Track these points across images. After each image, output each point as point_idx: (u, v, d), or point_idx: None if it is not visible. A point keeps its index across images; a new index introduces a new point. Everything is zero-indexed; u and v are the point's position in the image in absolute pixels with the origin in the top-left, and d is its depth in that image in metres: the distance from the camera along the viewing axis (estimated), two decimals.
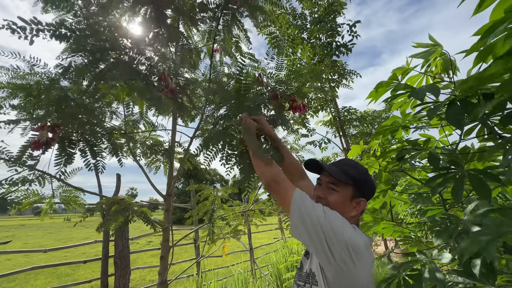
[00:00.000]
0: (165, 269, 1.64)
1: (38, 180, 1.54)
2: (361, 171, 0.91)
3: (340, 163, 0.93)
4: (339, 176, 0.86)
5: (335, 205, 0.86)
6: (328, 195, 0.87)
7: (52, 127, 1.22)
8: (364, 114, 5.84)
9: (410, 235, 1.83)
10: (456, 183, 0.88)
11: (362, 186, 0.88)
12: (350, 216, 0.87)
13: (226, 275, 4.07)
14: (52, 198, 1.68)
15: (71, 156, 1.22)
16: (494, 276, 0.89)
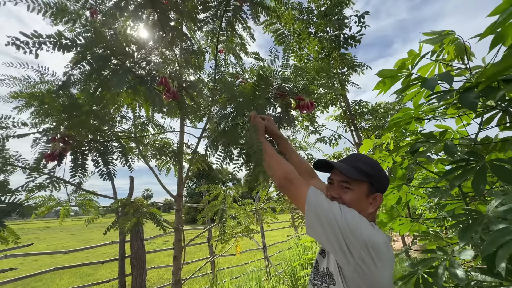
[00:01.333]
0: (179, 269, 1.66)
1: (54, 185, 1.60)
2: (374, 165, 0.87)
3: (351, 159, 0.89)
4: (351, 174, 0.82)
5: (351, 204, 0.82)
6: (343, 194, 0.84)
7: (63, 138, 1.25)
8: (376, 107, 5.68)
9: (428, 230, 1.76)
10: (476, 175, 0.83)
11: (376, 181, 0.84)
12: (368, 213, 0.84)
13: (241, 273, 4.09)
14: (68, 202, 1.74)
15: (85, 167, 1.25)
16: None
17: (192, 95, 1.76)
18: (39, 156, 1.21)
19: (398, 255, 1.71)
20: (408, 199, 1.71)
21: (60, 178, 1.51)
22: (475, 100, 0.81)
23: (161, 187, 1.85)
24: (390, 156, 1.71)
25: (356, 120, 5.36)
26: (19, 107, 1.56)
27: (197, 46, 2.08)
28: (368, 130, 5.55)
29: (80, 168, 1.18)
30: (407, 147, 1.31)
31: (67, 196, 1.70)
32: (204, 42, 2.35)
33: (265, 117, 1.10)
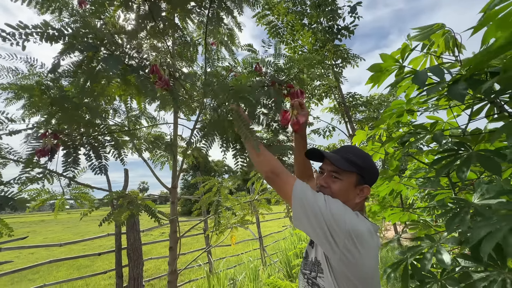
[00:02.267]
0: (174, 259, 1.69)
1: (47, 178, 1.59)
2: (365, 158, 0.89)
3: (343, 150, 0.91)
4: (341, 165, 0.84)
5: (339, 194, 0.85)
6: (331, 184, 0.86)
7: (54, 133, 1.24)
8: (370, 99, 5.70)
9: (419, 219, 1.81)
10: (461, 164, 0.85)
11: (366, 173, 0.87)
12: (354, 203, 0.87)
13: (237, 263, 4.17)
14: (63, 195, 1.73)
15: (77, 161, 1.24)
16: (504, 260, 0.87)
17: (185, 87, 1.75)
18: (32, 151, 1.19)
19: (388, 243, 1.76)
20: (400, 189, 1.75)
21: (53, 171, 1.51)
22: (463, 92, 0.82)
23: (161, 177, 1.86)
24: (383, 148, 1.73)
25: (350, 112, 5.39)
26: (9, 99, 1.53)
27: (189, 38, 2.05)
28: (362, 121, 5.59)
29: (72, 163, 1.17)
30: (399, 139, 1.34)
31: (61, 189, 1.70)
32: (197, 35, 2.32)
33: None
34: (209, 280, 2.84)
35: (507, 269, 0.83)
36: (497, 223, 0.75)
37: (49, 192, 1.68)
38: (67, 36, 0.80)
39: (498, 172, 0.76)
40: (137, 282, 2.49)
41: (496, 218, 0.78)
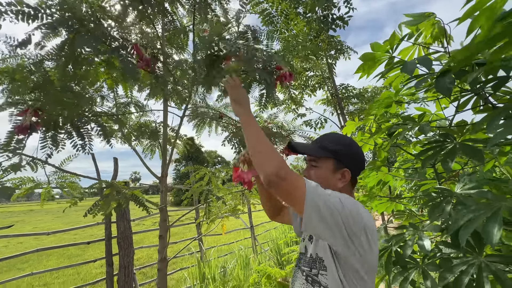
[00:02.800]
0: (164, 247, 1.69)
1: (30, 165, 1.54)
2: (342, 142, 0.89)
3: (320, 139, 0.94)
4: (314, 152, 0.88)
5: (318, 180, 0.85)
6: (310, 171, 0.89)
7: (35, 110, 1.20)
8: (363, 91, 5.73)
9: (405, 209, 1.87)
10: (446, 155, 0.87)
11: (343, 157, 0.86)
12: (338, 188, 0.86)
13: (228, 252, 4.24)
14: (49, 184, 1.69)
15: (56, 139, 1.21)
16: (481, 247, 0.90)
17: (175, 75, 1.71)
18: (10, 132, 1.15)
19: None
20: (388, 180, 1.79)
21: (37, 158, 1.47)
22: (450, 86, 0.82)
23: (151, 167, 1.84)
24: (372, 139, 1.75)
25: (343, 103, 5.41)
26: None
27: (179, 23, 1.99)
28: (354, 113, 5.63)
29: (51, 140, 1.13)
30: (387, 129, 1.35)
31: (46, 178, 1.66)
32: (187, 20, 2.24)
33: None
34: (200, 267, 2.88)
35: (484, 255, 0.86)
36: (476, 211, 0.78)
37: (33, 181, 1.64)
38: (44, 15, 0.76)
39: (481, 160, 0.78)
40: (127, 270, 2.50)
41: (475, 206, 0.81)
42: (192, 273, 3.04)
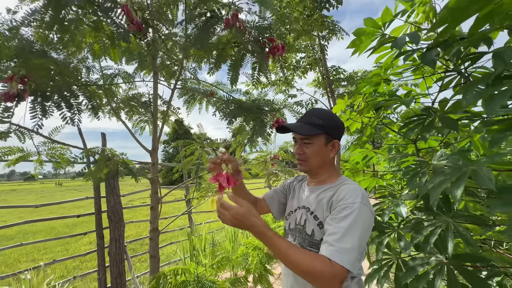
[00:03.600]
0: (156, 218, 1.74)
1: (17, 135, 1.51)
2: (328, 116, 0.96)
3: (306, 116, 0.97)
4: (308, 132, 0.92)
5: (314, 156, 0.95)
6: (305, 149, 0.95)
7: (21, 78, 1.16)
8: (353, 74, 5.77)
9: (385, 184, 1.98)
10: (427, 125, 0.94)
11: (332, 130, 0.95)
12: (330, 158, 0.97)
13: (217, 228, 4.37)
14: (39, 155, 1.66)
15: (45, 109, 1.18)
16: (449, 210, 1.00)
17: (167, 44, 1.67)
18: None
19: None
20: (372, 156, 1.88)
21: (24, 127, 1.43)
22: (434, 58, 0.87)
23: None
24: (360, 118, 1.81)
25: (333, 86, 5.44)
26: None
27: None
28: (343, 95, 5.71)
29: (40, 110, 1.12)
30: (375, 105, 1.40)
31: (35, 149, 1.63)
32: None
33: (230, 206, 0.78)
34: (191, 240, 2.98)
35: (451, 215, 0.96)
36: (446, 175, 0.86)
37: (22, 150, 1.61)
38: None
39: (456, 129, 0.85)
40: (118, 243, 2.55)
41: (446, 172, 0.89)
42: (182, 246, 3.15)
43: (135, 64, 1.98)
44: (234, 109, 1.49)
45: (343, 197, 0.82)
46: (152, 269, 1.69)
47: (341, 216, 0.77)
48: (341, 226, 0.75)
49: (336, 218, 0.78)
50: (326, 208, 0.87)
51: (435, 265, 0.92)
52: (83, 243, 6.40)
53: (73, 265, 4.82)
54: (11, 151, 1.51)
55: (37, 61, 1.27)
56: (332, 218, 0.79)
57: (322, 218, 0.87)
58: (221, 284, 1.70)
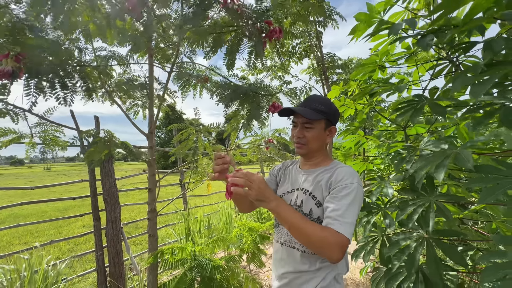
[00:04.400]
0: (153, 199, 1.78)
1: (11, 116, 1.49)
2: (328, 103, 1.02)
3: (308, 102, 1.02)
4: (311, 116, 0.96)
5: (314, 139, 1.01)
6: (306, 133, 1.01)
7: (16, 55, 1.14)
8: (348, 61, 5.77)
9: (374, 169, 2.08)
10: (415, 111, 0.99)
11: (331, 116, 1.01)
12: (326, 143, 1.05)
13: (212, 212, 4.47)
14: (32, 137, 1.65)
15: (40, 87, 1.17)
16: (432, 190, 1.08)
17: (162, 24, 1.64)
18: None
19: None
20: (363, 141, 1.95)
21: (18, 106, 1.41)
22: (429, 42, 0.91)
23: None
24: (354, 103, 1.86)
25: (328, 73, 5.44)
26: None
27: None
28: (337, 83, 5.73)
29: (35, 88, 1.11)
30: (369, 91, 1.45)
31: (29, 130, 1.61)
32: None
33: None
34: (187, 223, 3.06)
35: (434, 195, 1.04)
36: (431, 158, 0.93)
37: (16, 132, 1.59)
38: None
39: (443, 114, 0.91)
40: (115, 224, 2.60)
41: (430, 155, 0.96)
42: (178, 228, 3.23)
43: (128, 46, 1.94)
44: (231, 93, 1.51)
45: (342, 178, 0.91)
46: (151, 248, 1.76)
47: (341, 195, 0.87)
48: (343, 203, 0.84)
49: (337, 197, 0.87)
50: (325, 189, 0.94)
51: (416, 239, 1.00)
52: (76, 226, 6.43)
53: (68, 248, 4.88)
54: (4, 133, 1.49)
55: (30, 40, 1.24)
56: (333, 197, 0.88)
57: (321, 198, 0.94)
58: (217, 261, 1.78)
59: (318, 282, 0.93)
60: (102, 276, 2.53)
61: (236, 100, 1.57)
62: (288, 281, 0.99)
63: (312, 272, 0.94)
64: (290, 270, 0.98)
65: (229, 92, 1.57)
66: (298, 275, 0.96)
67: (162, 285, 1.61)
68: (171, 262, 1.74)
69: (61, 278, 2.12)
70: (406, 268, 0.99)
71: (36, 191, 13.31)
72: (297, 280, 0.97)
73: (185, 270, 1.67)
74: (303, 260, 0.96)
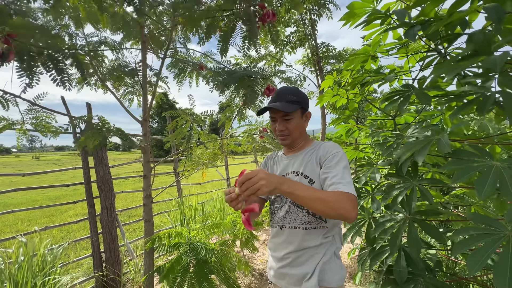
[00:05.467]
0: (149, 186, 1.81)
1: (1, 102, 1.46)
2: (297, 92, 1.07)
3: (282, 95, 1.06)
4: (290, 109, 1.02)
5: (296, 129, 1.08)
6: (287, 125, 1.07)
7: (5, 37, 1.11)
8: (342, 52, 5.78)
9: (364, 157, 2.15)
10: (404, 99, 1.04)
11: (305, 103, 1.07)
12: (305, 128, 1.12)
13: (207, 200, 4.53)
14: (23, 123, 1.63)
15: (32, 69, 1.16)
16: (416, 174, 1.15)
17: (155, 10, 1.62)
18: None
19: None
20: (354, 130, 2.01)
21: (7, 91, 1.39)
22: (416, 32, 0.95)
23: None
24: (347, 93, 1.90)
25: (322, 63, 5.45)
26: None
27: None
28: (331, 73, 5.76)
29: (27, 70, 1.10)
30: (361, 80, 1.49)
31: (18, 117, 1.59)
32: None
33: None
34: (181, 210, 3.11)
35: (417, 180, 1.11)
36: (414, 143, 0.99)
37: (6, 119, 1.57)
38: None
39: (428, 102, 0.96)
40: (110, 211, 2.62)
41: (415, 140, 1.02)
42: (173, 215, 3.28)
43: (121, 34, 1.91)
44: (226, 78, 1.52)
45: (328, 150, 1.01)
46: (147, 233, 1.80)
47: (333, 163, 0.95)
48: (338, 169, 0.93)
49: (331, 166, 0.95)
50: (316, 165, 1.01)
51: (399, 220, 1.07)
52: (69, 215, 6.41)
53: (61, 235, 4.88)
54: None
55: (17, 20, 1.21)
56: (328, 167, 0.96)
57: (312, 175, 1.01)
58: (212, 245, 1.85)
59: (320, 258, 0.98)
60: (98, 261, 2.58)
61: (231, 85, 1.58)
62: (291, 260, 1.02)
63: (315, 248, 0.99)
64: (293, 250, 1.02)
65: (224, 77, 1.58)
66: (301, 253, 1.00)
67: (158, 267, 1.66)
68: (167, 246, 1.79)
69: (58, 263, 2.15)
70: (390, 246, 1.06)
71: (25, 181, 13.07)
72: (300, 258, 1.00)
73: (181, 254, 1.73)
74: (307, 237, 1.00)
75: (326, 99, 1.94)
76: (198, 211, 3.41)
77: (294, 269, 1.01)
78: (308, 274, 0.98)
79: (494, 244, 0.64)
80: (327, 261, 0.99)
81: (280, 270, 1.05)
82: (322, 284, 0.97)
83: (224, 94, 1.61)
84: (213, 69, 1.94)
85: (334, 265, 1.00)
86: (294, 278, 1.01)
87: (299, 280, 1.00)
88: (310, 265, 0.98)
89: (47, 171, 2.50)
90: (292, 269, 1.02)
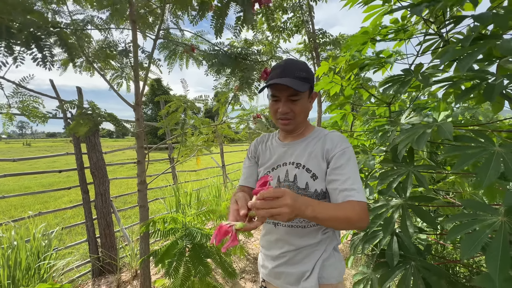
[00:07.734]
0: (143, 171, 1.79)
1: None
2: (307, 67, 0.90)
3: (290, 71, 0.86)
4: (301, 88, 0.83)
5: (302, 112, 0.91)
6: (293, 107, 0.89)
7: None
8: (339, 37, 5.66)
9: (358, 144, 2.16)
10: (402, 83, 1.02)
11: (313, 82, 0.91)
12: (310, 110, 0.96)
13: (201, 187, 4.54)
14: (9, 107, 1.56)
15: (11, 46, 1.09)
16: (412, 160, 1.15)
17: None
18: None
19: None
20: (349, 116, 1.99)
21: None
22: (422, 9, 0.91)
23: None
24: (341, 81, 1.87)
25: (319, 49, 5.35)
26: None
27: None
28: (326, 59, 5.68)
29: (5, 46, 1.04)
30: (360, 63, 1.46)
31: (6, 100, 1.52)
32: None
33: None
34: (177, 196, 3.11)
35: (412, 166, 1.11)
36: (414, 130, 0.98)
37: None
38: None
39: (429, 84, 0.94)
40: (104, 197, 2.61)
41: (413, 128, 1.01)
42: (169, 201, 3.28)
43: (107, 12, 1.80)
44: (221, 58, 1.46)
45: (336, 144, 0.89)
46: (142, 218, 1.79)
47: (344, 161, 0.85)
48: (350, 170, 0.84)
49: (342, 166, 0.84)
50: (322, 159, 0.89)
51: (393, 205, 1.08)
52: (63, 201, 6.38)
53: (55, 222, 4.88)
54: None
55: None
56: (337, 167, 0.85)
57: (316, 170, 0.89)
58: (207, 231, 1.86)
59: (320, 255, 0.91)
60: (94, 246, 2.59)
61: (228, 65, 1.52)
62: (287, 259, 0.94)
63: (314, 245, 0.92)
64: (290, 249, 0.93)
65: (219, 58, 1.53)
66: (298, 251, 0.92)
67: (154, 251, 1.67)
68: (163, 231, 1.79)
69: (52, 248, 2.15)
70: (383, 231, 1.07)
71: (17, 167, 12.88)
72: (298, 256, 0.92)
73: (176, 239, 1.74)
74: (305, 235, 0.92)
75: (321, 86, 1.91)
76: (193, 198, 3.42)
77: (291, 267, 0.93)
78: (307, 272, 0.90)
79: (487, 229, 0.65)
80: (327, 257, 0.92)
81: (276, 269, 0.96)
82: (321, 281, 0.90)
83: (220, 75, 1.55)
84: (207, 51, 1.87)
85: (334, 260, 0.93)
86: (292, 277, 0.92)
87: (297, 279, 0.91)
88: (309, 263, 0.91)
89: (39, 157, 2.45)
90: (289, 267, 0.93)
